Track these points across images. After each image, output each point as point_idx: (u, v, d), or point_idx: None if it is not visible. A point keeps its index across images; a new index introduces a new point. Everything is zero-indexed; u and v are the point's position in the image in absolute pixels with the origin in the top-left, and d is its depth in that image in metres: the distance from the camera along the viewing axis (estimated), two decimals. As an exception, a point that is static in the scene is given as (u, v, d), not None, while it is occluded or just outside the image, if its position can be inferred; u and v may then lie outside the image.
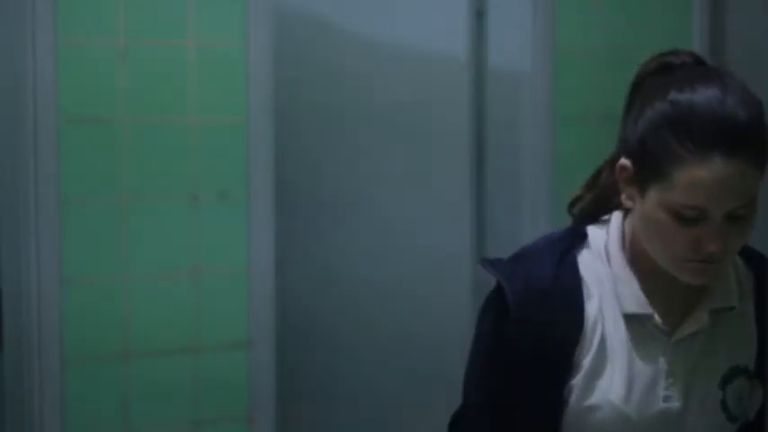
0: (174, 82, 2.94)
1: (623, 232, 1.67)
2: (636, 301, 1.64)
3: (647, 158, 1.56)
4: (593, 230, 1.70)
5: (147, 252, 2.92)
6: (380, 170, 3.33)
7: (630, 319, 1.64)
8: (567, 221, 1.79)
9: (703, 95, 1.53)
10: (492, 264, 1.69)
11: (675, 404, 1.63)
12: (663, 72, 1.62)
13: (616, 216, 1.69)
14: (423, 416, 3.22)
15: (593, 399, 1.63)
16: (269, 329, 3.06)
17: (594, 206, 1.73)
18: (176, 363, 2.96)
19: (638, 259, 1.65)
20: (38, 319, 2.79)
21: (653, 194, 1.56)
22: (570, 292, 1.63)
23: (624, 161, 1.61)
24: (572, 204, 1.77)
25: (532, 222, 3.33)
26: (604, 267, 1.66)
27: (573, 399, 1.63)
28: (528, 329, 1.62)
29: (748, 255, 1.72)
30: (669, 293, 1.64)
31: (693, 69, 1.61)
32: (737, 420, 1.66)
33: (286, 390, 3.16)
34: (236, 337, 3.02)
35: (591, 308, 1.64)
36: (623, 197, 1.64)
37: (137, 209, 2.91)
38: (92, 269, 2.87)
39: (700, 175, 1.50)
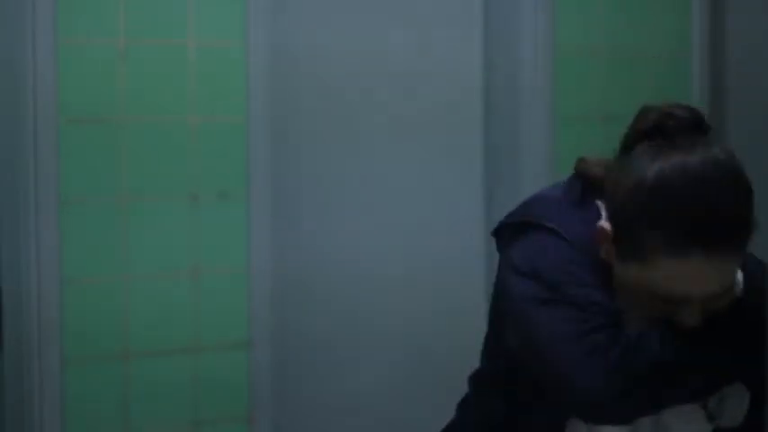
0: (174, 82, 2.94)
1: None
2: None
3: (627, 239, 1.53)
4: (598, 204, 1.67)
5: (147, 252, 2.92)
6: (389, 170, 3.33)
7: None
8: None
9: (687, 186, 1.48)
10: (520, 219, 1.65)
11: None
12: (656, 135, 1.56)
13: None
14: (427, 416, 3.22)
15: None
16: (269, 329, 3.06)
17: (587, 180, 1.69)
18: (176, 363, 2.96)
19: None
20: (38, 319, 2.79)
21: (632, 268, 1.54)
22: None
23: (605, 225, 1.57)
24: (581, 160, 1.72)
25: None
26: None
27: None
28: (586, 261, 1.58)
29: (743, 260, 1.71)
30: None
31: (685, 142, 1.53)
32: (714, 420, 1.65)
33: (286, 390, 3.16)
34: (236, 337, 3.03)
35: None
36: (602, 253, 1.60)
37: (137, 209, 2.91)
38: (92, 269, 2.87)
39: (678, 268, 1.48)
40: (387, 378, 3.31)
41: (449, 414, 1.87)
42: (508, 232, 1.70)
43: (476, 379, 1.82)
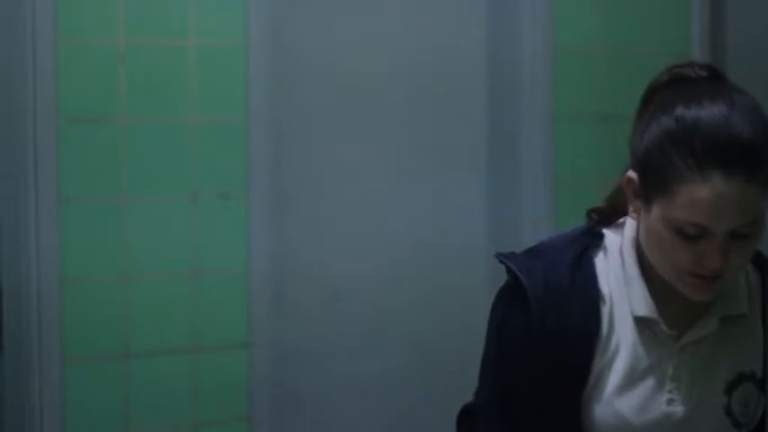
0: (174, 82, 2.94)
1: (637, 237, 1.67)
2: (645, 304, 1.64)
3: (651, 173, 1.56)
4: (608, 233, 1.71)
5: (147, 252, 2.92)
6: (390, 170, 3.33)
7: (639, 322, 1.64)
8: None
9: (708, 113, 1.53)
10: (509, 258, 1.69)
11: (679, 408, 1.63)
12: (674, 85, 1.62)
13: (630, 221, 1.69)
14: (428, 415, 3.22)
15: (596, 400, 1.63)
16: (269, 329, 3.06)
17: (610, 208, 1.73)
18: (176, 363, 2.96)
19: (649, 265, 1.65)
20: (38, 319, 2.79)
21: (656, 209, 1.56)
22: (587, 293, 1.64)
23: (631, 173, 1.61)
24: (591, 210, 1.77)
25: (533, 222, 3.33)
26: (619, 269, 1.67)
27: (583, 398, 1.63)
28: (545, 325, 1.61)
29: (759, 261, 1.72)
30: (679, 299, 1.63)
31: (704, 85, 1.60)
32: (742, 427, 1.66)
33: (286, 390, 3.16)
34: (236, 337, 3.02)
35: (605, 310, 1.64)
36: (630, 209, 1.64)
37: (137, 209, 2.91)
38: (92, 269, 2.86)
39: (700, 192, 1.50)
40: (387, 378, 3.31)
41: (450, 414, 1.87)
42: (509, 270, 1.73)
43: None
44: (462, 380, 1.86)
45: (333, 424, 3.26)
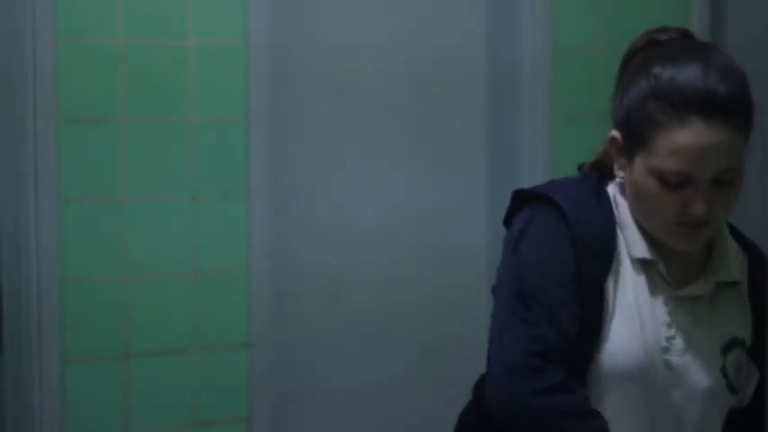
0: (174, 82, 2.94)
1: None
2: (642, 246, 1.67)
3: (632, 127, 1.61)
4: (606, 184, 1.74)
5: (147, 252, 2.92)
6: (391, 169, 3.33)
7: (637, 265, 1.67)
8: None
9: (685, 67, 1.57)
10: (535, 190, 1.72)
11: (676, 358, 1.65)
12: (650, 48, 1.66)
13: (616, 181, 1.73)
14: (428, 415, 3.22)
15: (606, 334, 1.64)
16: (269, 329, 3.06)
17: (600, 165, 1.76)
18: (176, 363, 2.96)
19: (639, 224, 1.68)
20: (38, 319, 2.79)
21: (639, 162, 1.61)
22: (606, 218, 1.67)
23: (614, 132, 1.67)
24: (582, 164, 1.81)
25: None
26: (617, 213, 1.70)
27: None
28: (579, 244, 1.63)
29: (740, 237, 1.77)
30: (673, 253, 1.66)
31: (678, 44, 1.65)
32: (737, 393, 1.69)
33: (286, 390, 3.16)
34: (236, 337, 3.02)
35: (620, 235, 1.67)
36: (615, 168, 1.68)
37: (137, 209, 2.91)
38: (92, 269, 2.87)
39: (680, 139, 1.55)
40: (387, 378, 3.31)
41: (451, 414, 1.87)
42: (516, 203, 1.76)
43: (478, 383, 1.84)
44: (462, 379, 1.86)
45: (333, 424, 3.26)
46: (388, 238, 3.31)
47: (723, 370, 1.67)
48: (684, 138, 1.54)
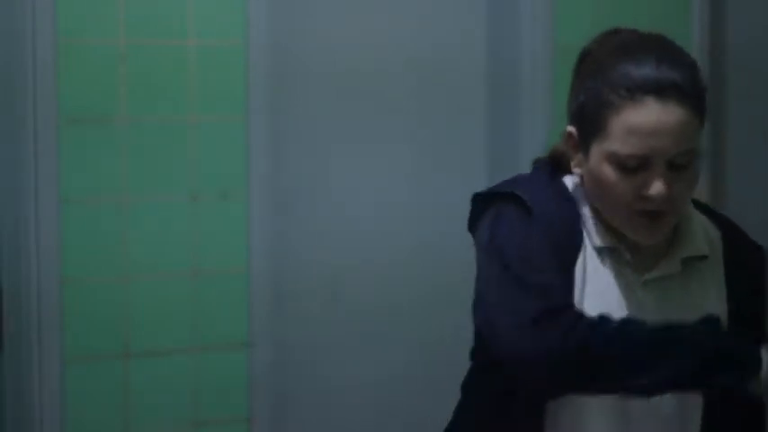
0: (174, 82, 2.94)
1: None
2: (603, 236, 1.66)
3: (587, 115, 1.62)
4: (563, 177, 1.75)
5: (147, 252, 2.92)
6: (391, 170, 3.33)
7: (602, 253, 1.66)
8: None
9: (637, 56, 1.58)
10: (497, 189, 1.73)
11: None
12: (601, 47, 1.67)
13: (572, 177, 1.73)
14: (429, 416, 3.22)
15: None
16: (269, 329, 3.06)
17: (555, 158, 1.76)
18: (176, 363, 2.96)
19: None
20: (38, 319, 2.79)
21: (595, 151, 1.61)
22: (568, 211, 1.67)
23: (569, 128, 1.68)
24: (537, 160, 1.81)
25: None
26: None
27: None
28: (548, 236, 1.62)
29: (711, 213, 1.77)
30: (635, 243, 1.66)
31: (630, 37, 1.65)
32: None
33: (286, 390, 3.16)
34: (236, 336, 3.02)
35: (582, 226, 1.67)
36: (573, 165, 1.68)
37: (137, 209, 2.91)
38: (92, 269, 2.87)
39: (635, 119, 1.55)
40: (387, 377, 3.31)
41: (450, 413, 1.87)
42: (478, 206, 1.76)
43: (466, 384, 1.83)
44: (462, 379, 1.86)
45: (332, 424, 3.26)
46: (388, 238, 3.31)
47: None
48: (640, 117, 1.55)
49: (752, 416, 1.69)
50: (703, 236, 1.72)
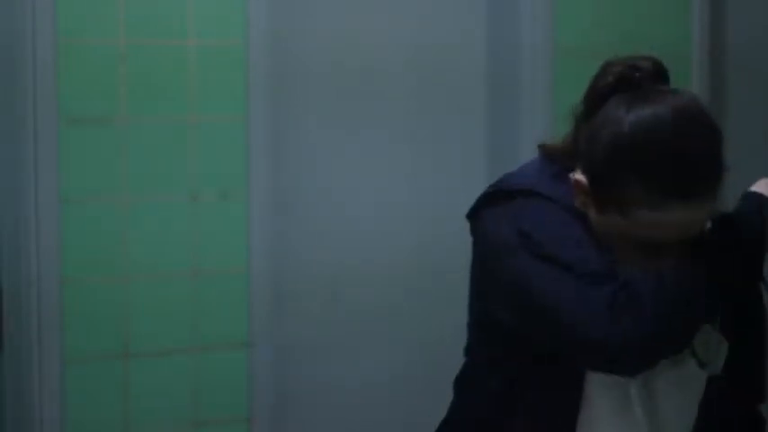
0: (174, 82, 2.94)
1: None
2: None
3: (606, 188, 1.56)
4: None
5: (147, 252, 2.92)
6: (392, 170, 3.33)
7: None
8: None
9: (662, 136, 1.52)
10: (505, 183, 1.71)
11: None
12: (621, 87, 1.60)
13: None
14: (429, 416, 3.22)
15: None
16: (269, 329, 3.06)
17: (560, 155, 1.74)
18: (176, 363, 2.96)
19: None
20: (38, 319, 2.79)
21: (611, 218, 1.57)
22: (569, 204, 1.64)
23: (581, 178, 1.60)
24: (542, 145, 1.80)
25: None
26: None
27: None
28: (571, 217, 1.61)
29: None
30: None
31: (653, 93, 1.57)
32: (706, 367, 1.68)
33: (286, 390, 3.16)
34: (236, 336, 3.02)
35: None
36: (578, 203, 1.63)
37: (137, 209, 2.91)
38: (92, 269, 2.87)
39: (657, 217, 1.52)
40: (387, 377, 3.31)
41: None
42: (490, 202, 1.72)
43: (459, 381, 1.83)
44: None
45: (333, 424, 3.26)
46: (388, 238, 3.31)
47: (692, 349, 1.65)
48: (661, 218, 1.52)
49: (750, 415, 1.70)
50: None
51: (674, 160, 1.51)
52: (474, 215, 1.75)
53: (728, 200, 1.61)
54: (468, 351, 1.84)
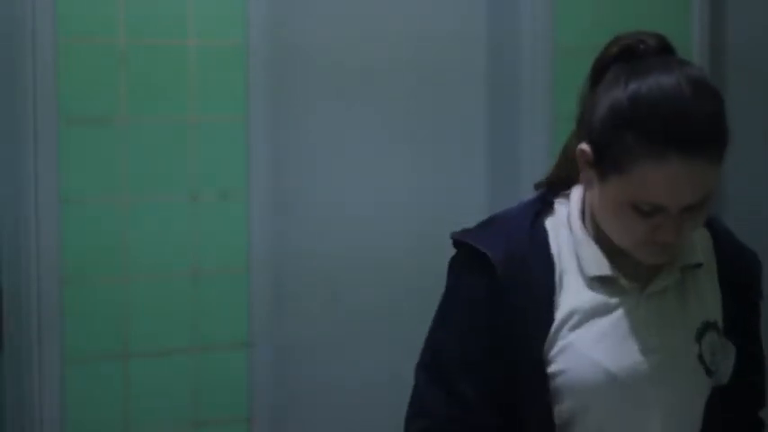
0: (174, 82, 2.94)
1: (584, 204, 1.70)
2: (598, 264, 1.66)
3: (607, 151, 1.57)
4: (557, 202, 1.74)
5: (147, 252, 2.92)
6: (392, 170, 3.33)
7: (594, 282, 1.66)
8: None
9: (662, 92, 1.53)
10: (468, 234, 1.71)
11: (654, 356, 1.64)
12: (624, 59, 1.62)
13: (577, 189, 1.72)
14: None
15: (569, 356, 1.64)
16: (269, 329, 3.06)
17: (555, 179, 1.76)
18: (176, 363, 2.96)
19: (599, 229, 1.67)
20: (38, 319, 2.79)
21: (611, 185, 1.58)
22: (542, 258, 1.66)
23: (585, 146, 1.62)
24: (537, 184, 1.80)
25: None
26: (568, 234, 1.69)
27: (552, 354, 1.64)
28: (509, 295, 1.63)
29: (706, 220, 1.75)
30: (633, 257, 1.65)
31: (655, 60, 1.60)
32: (713, 375, 1.69)
33: (286, 390, 3.16)
34: (236, 336, 3.02)
35: (557, 272, 1.67)
36: (582, 180, 1.66)
37: (137, 209, 2.91)
38: (92, 269, 2.87)
39: (656, 174, 1.52)
40: (387, 377, 3.31)
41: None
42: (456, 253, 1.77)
43: None
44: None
45: (333, 424, 3.26)
46: (388, 237, 3.31)
47: (700, 357, 1.66)
48: (661, 174, 1.52)
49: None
50: (698, 239, 1.72)
51: (673, 115, 1.52)
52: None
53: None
54: None
